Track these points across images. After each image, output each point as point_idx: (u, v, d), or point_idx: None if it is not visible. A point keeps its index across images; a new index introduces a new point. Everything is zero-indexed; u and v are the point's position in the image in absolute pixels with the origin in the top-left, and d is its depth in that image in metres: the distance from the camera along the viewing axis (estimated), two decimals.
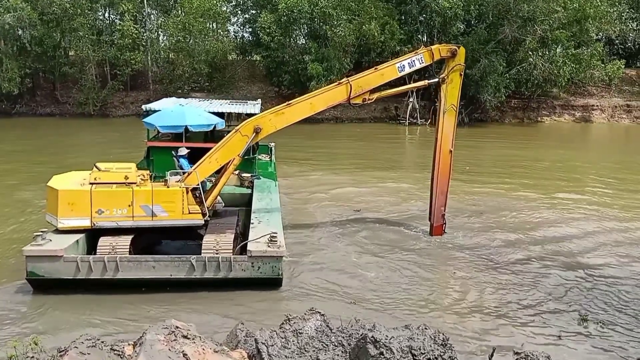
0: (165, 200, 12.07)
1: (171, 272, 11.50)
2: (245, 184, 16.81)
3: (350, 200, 19.73)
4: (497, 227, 16.82)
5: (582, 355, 9.53)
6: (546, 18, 44.42)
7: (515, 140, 38.56)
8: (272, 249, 11.57)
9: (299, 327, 6.27)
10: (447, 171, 15.43)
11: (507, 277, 13.00)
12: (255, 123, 12.86)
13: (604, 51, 50.99)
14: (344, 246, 14.88)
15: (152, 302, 11.13)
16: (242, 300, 11.33)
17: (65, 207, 11.76)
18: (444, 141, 15.25)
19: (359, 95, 13.90)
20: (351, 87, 13.73)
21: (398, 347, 5.63)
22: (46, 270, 11.21)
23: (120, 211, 11.91)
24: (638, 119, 53.29)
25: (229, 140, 12.74)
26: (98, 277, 11.34)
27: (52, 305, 10.96)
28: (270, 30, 45.34)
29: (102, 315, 10.55)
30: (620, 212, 18.88)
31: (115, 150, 27.27)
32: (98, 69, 47.87)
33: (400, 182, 23.14)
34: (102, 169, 12.24)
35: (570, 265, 13.81)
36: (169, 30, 47.95)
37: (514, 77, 46.56)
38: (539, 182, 23.75)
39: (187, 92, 46.57)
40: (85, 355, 5.10)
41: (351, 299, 11.49)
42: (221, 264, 11.51)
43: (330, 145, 34.52)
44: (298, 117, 13.46)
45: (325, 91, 13.93)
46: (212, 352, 5.32)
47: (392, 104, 49.29)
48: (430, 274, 13.15)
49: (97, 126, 41.39)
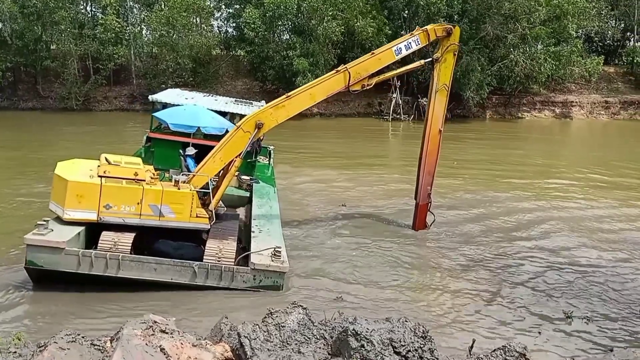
0: (175, 201, 11.89)
1: (172, 275, 11.39)
2: (243, 186, 16.64)
3: (335, 195, 19.82)
4: (481, 223, 17.01)
5: (563, 348, 9.66)
6: (527, 15, 44.83)
7: (497, 137, 38.94)
8: (276, 263, 11.47)
9: (282, 320, 6.32)
10: (436, 151, 15.35)
11: (489, 271, 13.17)
12: (257, 118, 12.67)
13: (583, 48, 51.60)
14: (330, 240, 14.96)
15: (139, 299, 11.06)
16: (229, 294, 11.32)
17: (73, 199, 11.50)
18: (434, 121, 15.15)
19: (358, 82, 13.75)
20: (350, 75, 13.57)
21: (379, 340, 5.71)
22: (46, 261, 10.98)
23: (129, 208, 11.70)
24: (615, 115, 54.09)
25: (231, 137, 12.56)
26: (99, 273, 11.16)
27: (40, 300, 10.91)
28: (254, 26, 45.16)
29: (87, 311, 10.52)
30: (603, 208, 19.20)
31: (102, 147, 27.01)
32: (80, 63, 47.24)
33: (386, 176, 23.33)
34: (112, 162, 11.98)
35: (554, 260, 14.03)
36: (152, 25, 47.50)
37: (496, 74, 46.95)
38: (523, 178, 24.10)
39: (171, 87, 46.18)
40: (65, 350, 5.09)
41: (335, 294, 11.56)
42: (224, 273, 11.41)
43: (315, 141, 34.57)
44: (299, 108, 13.36)
45: (323, 80, 13.76)
46: (190, 346, 5.34)
47: (376, 99, 49.43)
48: (412, 268, 13.29)
49: (80, 120, 40.91)
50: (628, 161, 29.25)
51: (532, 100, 53.07)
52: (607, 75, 57.99)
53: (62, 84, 45.92)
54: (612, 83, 57.81)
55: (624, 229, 16.74)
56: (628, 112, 54.50)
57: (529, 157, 30.21)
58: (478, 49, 45.38)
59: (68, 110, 44.84)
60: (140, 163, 12.39)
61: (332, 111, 47.95)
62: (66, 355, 5.15)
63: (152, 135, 16.87)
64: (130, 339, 5.08)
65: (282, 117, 13.10)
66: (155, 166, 13.81)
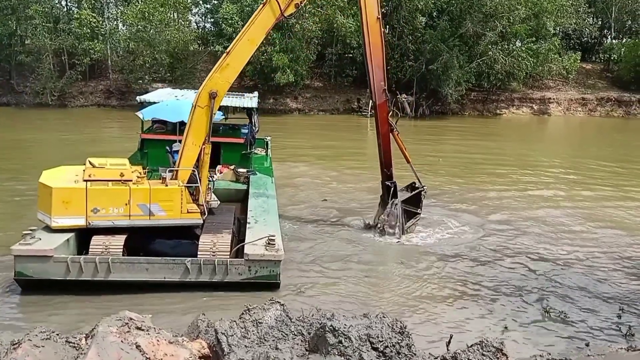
0: (164, 199, 11.61)
1: (165, 274, 11.05)
2: (240, 179, 16.50)
3: (316, 190, 19.86)
4: (461, 218, 17.08)
5: (540, 343, 9.72)
6: (507, 13, 45.28)
7: (475, 133, 39.27)
8: (270, 252, 11.16)
9: (259, 317, 6.28)
10: (379, 41, 14.37)
11: (468, 267, 13.23)
12: (208, 89, 12.09)
13: (561, 45, 52.34)
14: (310, 235, 14.91)
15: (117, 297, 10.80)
16: (209, 291, 11.16)
17: (60, 206, 11.19)
18: (369, 9, 14.07)
19: (289, 4, 12.73)
20: (278, 1, 12.54)
21: (356, 336, 5.69)
22: (35, 271, 10.68)
23: (117, 210, 11.42)
24: (592, 111, 54.97)
25: (192, 118, 12.13)
26: (89, 278, 10.85)
27: (15, 297, 10.70)
28: (232, 21, 44.89)
29: (63, 308, 10.34)
30: (582, 203, 19.51)
31: (81, 146, 26.69)
32: (56, 58, 46.60)
33: (364, 171, 23.35)
34: (96, 165, 11.67)
35: (532, 256, 14.10)
36: (128, 20, 46.98)
37: (475, 71, 47.35)
38: (502, 172, 24.37)
39: (148, 82, 45.83)
40: (40, 348, 5.00)
41: (305, 289, 11.53)
42: (217, 267, 11.09)
43: (294, 137, 34.50)
44: (244, 59, 12.64)
45: (255, 19, 12.65)
46: (167, 343, 5.27)
47: (355, 95, 49.60)
48: (391, 264, 13.31)
49: (55, 117, 40.33)
50: (611, 160, 29.76)
51: (510, 97, 53.68)
52: (584, 72, 58.96)
53: (37, 79, 45.22)
54: (589, 79, 58.76)
55: (600, 227, 16.98)
56: (605, 108, 55.45)
57: (506, 154, 30.56)
58: (458, 46, 45.70)
59: (43, 106, 44.16)
60: (126, 163, 12.09)
61: (310, 107, 48.01)
62: (40, 352, 5.06)
63: (144, 137, 16.73)
64: (105, 336, 5.00)
65: (232, 76, 12.43)
66: (150, 167, 13.54)
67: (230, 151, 17.17)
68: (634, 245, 15.15)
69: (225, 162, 17.05)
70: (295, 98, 48.57)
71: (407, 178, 15.95)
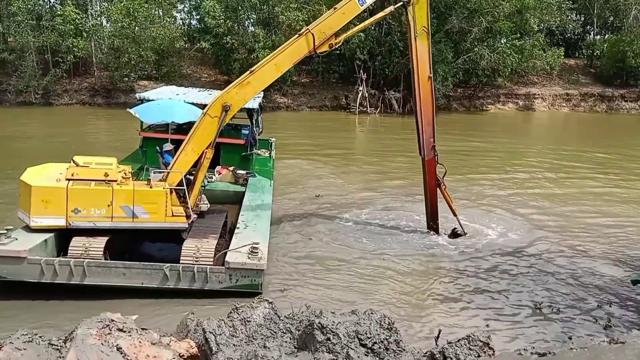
0: (148, 201, 11.25)
1: (143, 280, 10.69)
2: (239, 181, 16.25)
3: (310, 185, 19.90)
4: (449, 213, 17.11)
5: (527, 337, 9.78)
6: (491, 9, 45.52)
7: (463, 128, 39.46)
8: (252, 261, 10.77)
9: (247, 315, 6.24)
10: (430, 99, 14.50)
11: (456, 262, 13.26)
12: (223, 101, 11.94)
13: (545, 41, 52.78)
14: (303, 231, 14.85)
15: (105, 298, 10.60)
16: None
17: (39, 205, 10.88)
18: (421, 68, 14.10)
19: (324, 42, 12.78)
20: (313, 36, 12.57)
21: (345, 332, 5.67)
22: (8, 272, 10.38)
23: (99, 211, 11.07)
24: (576, 107, 55.56)
25: (199, 125, 11.90)
26: (64, 282, 10.52)
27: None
28: (215, 15, 44.67)
29: (47, 310, 10.15)
30: (571, 199, 19.64)
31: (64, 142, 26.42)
32: (39, 55, 46.04)
33: (355, 167, 23.41)
34: (81, 164, 11.35)
35: (518, 250, 14.18)
36: (112, 16, 46.50)
37: (461, 67, 47.55)
38: (491, 168, 24.52)
39: (134, 79, 45.46)
40: (22, 351, 4.92)
41: (294, 286, 11.48)
42: (196, 274, 10.71)
43: (284, 133, 34.35)
44: (265, 82, 12.59)
45: (287, 47, 12.64)
46: (149, 344, 5.19)
47: (343, 92, 49.58)
48: (380, 260, 13.28)
49: (40, 115, 39.87)
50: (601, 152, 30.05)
51: (496, 93, 54.09)
52: (568, 67, 59.54)
53: (20, 77, 44.63)
54: (572, 75, 59.34)
55: (591, 217, 17.15)
56: (588, 103, 56.04)
57: (494, 150, 30.77)
58: (444, 42, 45.82)
59: (27, 104, 43.65)
60: (113, 163, 11.73)
61: (298, 102, 47.91)
62: (22, 355, 4.97)
63: (143, 135, 16.57)
64: (85, 339, 4.90)
65: (249, 95, 12.41)
66: (149, 165, 13.29)
67: (230, 152, 16.99)
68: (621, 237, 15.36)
69: (224, 163, 16.87)
70: (284, 95, 48.46)
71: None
